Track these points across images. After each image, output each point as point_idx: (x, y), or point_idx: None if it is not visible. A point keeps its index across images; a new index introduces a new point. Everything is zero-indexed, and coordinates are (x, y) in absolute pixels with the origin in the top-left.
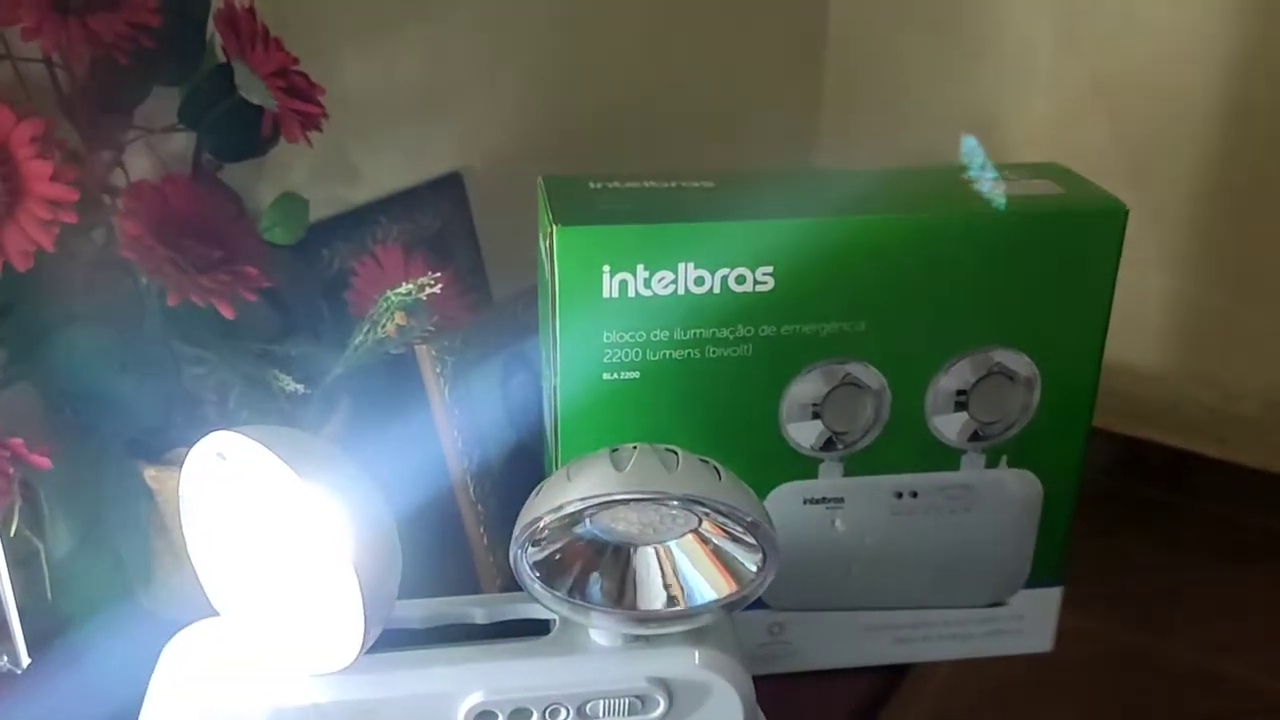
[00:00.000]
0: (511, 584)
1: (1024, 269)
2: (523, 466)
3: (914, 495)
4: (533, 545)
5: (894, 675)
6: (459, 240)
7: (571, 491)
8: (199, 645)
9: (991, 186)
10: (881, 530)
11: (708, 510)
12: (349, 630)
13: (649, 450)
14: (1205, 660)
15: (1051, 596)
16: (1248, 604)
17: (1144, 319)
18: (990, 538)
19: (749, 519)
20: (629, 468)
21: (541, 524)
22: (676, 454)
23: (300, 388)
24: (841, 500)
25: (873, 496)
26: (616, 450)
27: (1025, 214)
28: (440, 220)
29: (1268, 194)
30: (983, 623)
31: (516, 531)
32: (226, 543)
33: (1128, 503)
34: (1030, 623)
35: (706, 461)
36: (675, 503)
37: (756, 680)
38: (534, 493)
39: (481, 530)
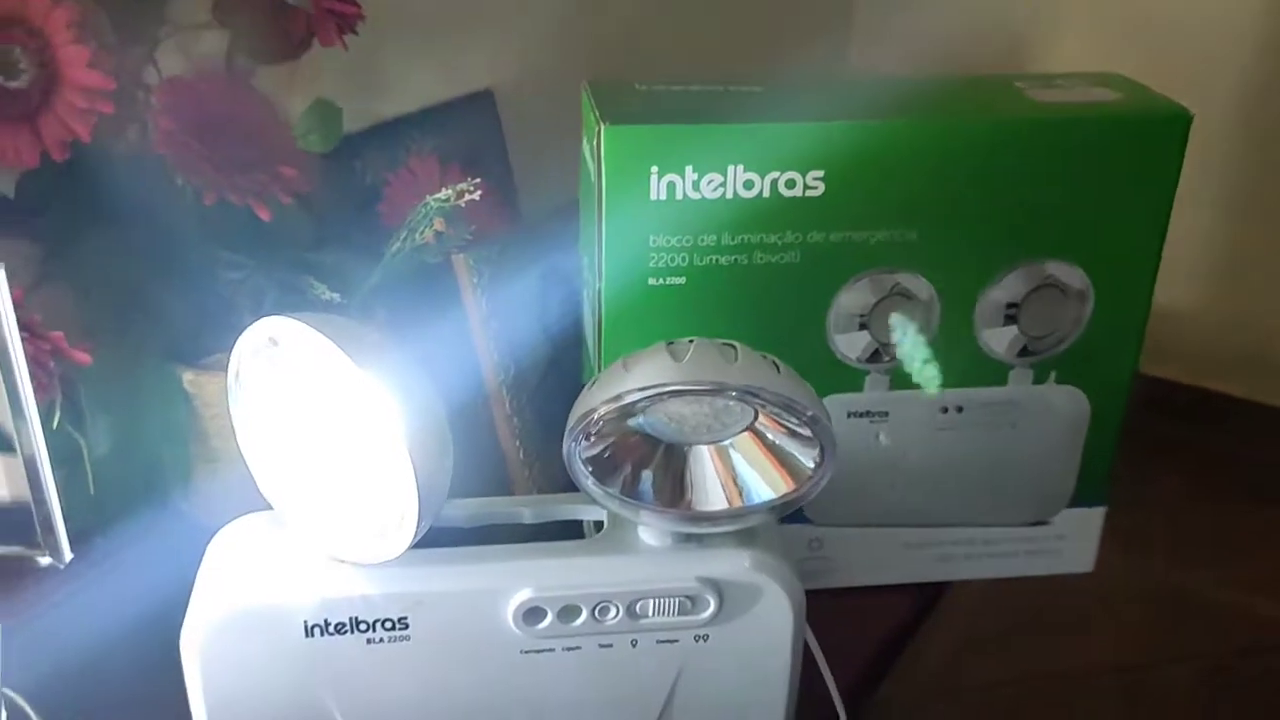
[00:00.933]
0: None
1: (1081, 178)
2: (558, 381)
3: (959, 410)
4: (585, 440)
5: (932, 593)
6: (489, 158)
7: (629, 381)
8: (247, 537)
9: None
10: (926, 445)
11: (766, 403)
12: (401, 520)
13: (707, 343)
14: (1237, 596)
15: (1094, 516)
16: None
17: (1177, 257)
18: (1035, 455)
19: (809, 413)
20: (687, 358)
21: (597, 414)
22: (734, 347)
23: (336, 296)
24: (886, 414)
25: (918, 411)
26: (673, 343)
27: (1083, 120)
28: (471, 137)
29: None
30: (1024, 541)
31: (571, 423)
32: (277, 432)
33: (1159, 441)
34: (1072, 543)
35: (765, 356)
36: (734, 395)
37: None
38: (588, 385)
39: (517, 443)
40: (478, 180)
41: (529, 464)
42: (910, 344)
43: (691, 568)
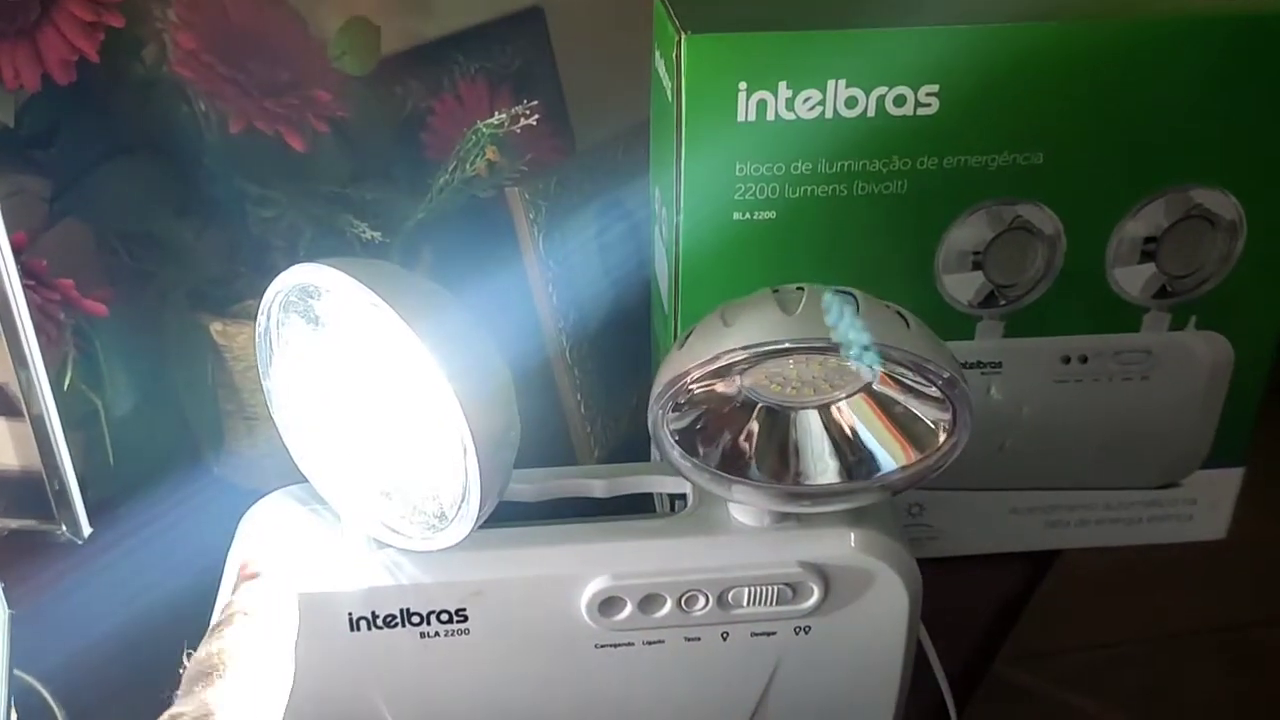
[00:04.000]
0: (609, 458)
1: (1237, 89)
2: (622, 329)
3: (1084, 360)
4: (674, 410)
5: (1039, 564)
6: (540, 81)
7: (731, 339)
8: (282, 516)
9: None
10: (1042, 400)
11: (895, 364)
12: (461, 501)
13: (821, 291)
14: None
15: (1232, 479)
16: None
17: None
18: (1169, 410)
19: (945, 375)
20: (800, 309)
21: (690, 379)
22: (854, 296)
23: (378, 235)
24: (999, 365)
25: (1036, 361)
26: (780, 291)
27: (1238, 17)
28: (520, 59)
29: None
30: (1149, 506)
31: (658, 389)
32: (313, 398)
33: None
34: (1204, 507)
35: (889, 305)
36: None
37: None
38: (677, 342)
39: (579, 398)
40: (534, 103)
41: (591, 420)
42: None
43: (792, 550)
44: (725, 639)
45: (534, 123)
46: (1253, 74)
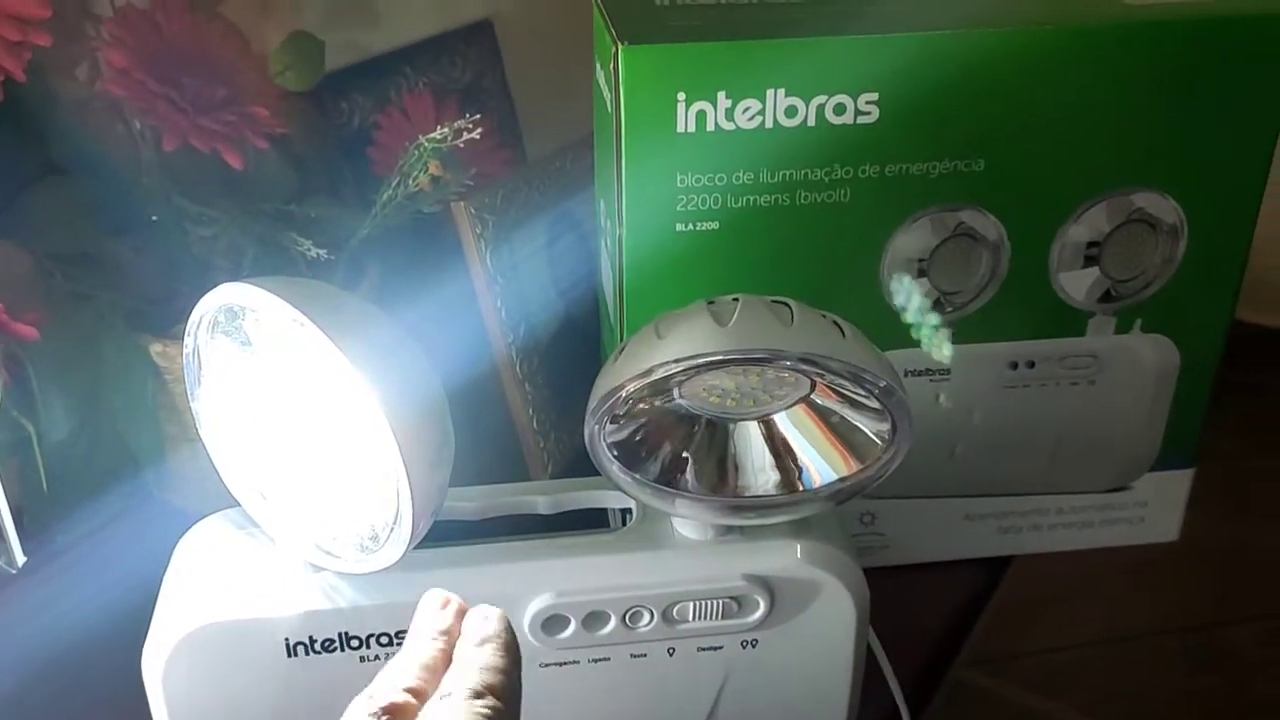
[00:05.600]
0: (563, 472)
1: (1176, 92)
2: (572, 342)
3: (1031, 365)
4: (611, 422)
5: (994, 569)
6: (491, 94)
7: (664, 351)
8: (218, 540)
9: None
10: (992, 405)
11: (831, 374)
12: (393, 523)
13: (755, 302)
14: None
15: (1182, 480)
16: None
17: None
18: (1118, 413)
19: (882, 383)
20: (734, 321)
21: (625, 393)
22: (789, 306)
23: (323, 253)
24: (948, 371)
25: (984, 367)
26: (714, 302)
27: (1182, 23)
28: (470, 72)
29: None
30: (1101, 509)
31: (593, 404)
32: (244, 420)
33: (1238, 389)
34: (1156, 509)
35: (825, 315)
36: (791, 364)
37: None
38: (613, 355)
39: (530, 413)
40: (477, 117)
41: (544, 435)
42: (917, 309)
43: (737, 563)
44: (672, 654)
45: (477, 137)
46: (1189, 79)
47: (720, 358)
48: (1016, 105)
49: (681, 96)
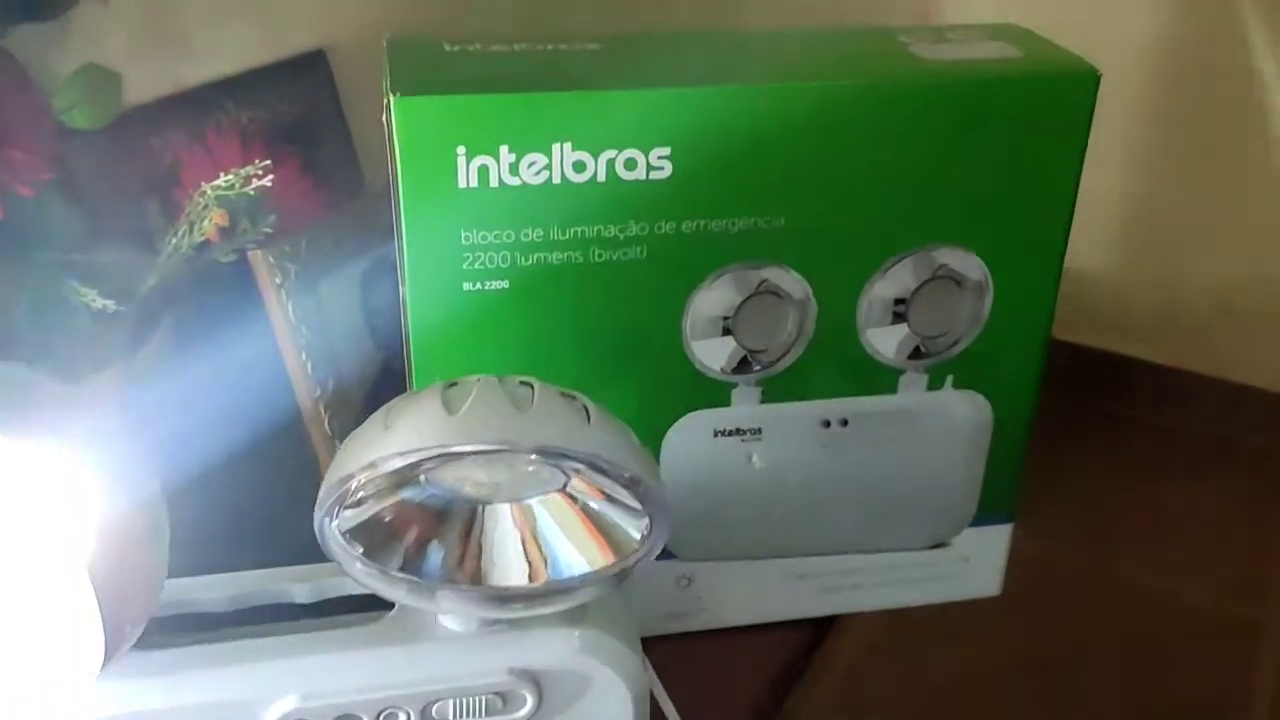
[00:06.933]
0: None
1: (975, 149)
2: (392, 395)
3: (844, 424)
4: (347, 509)
5: (818, 630)
6: (325, 129)
7: (389, 444)
8: None
9: None
10: (806, 466)
11: (572, 464)
12: (89, 635)
13: (494, 385)
14: (1157, 581)
15: (1000, 534)
16: (1199, 518)
17: (1085, 217)
18: (932, 470)
19: (626, 474)
20: (464, 409)
21: (353, 486)
22: (532, 387)
23: (110, 304)
24: (759, 431)
25: (796, 426)
26: (453, 385)
27: (977, 81)
28: (300, 105)
29: (1222, 82)
30: (922, 566)
31: (321, 495)
32: None
33: (1071, 415)
34: (976, 564)
35: (572, 397)
36: (526, 456)
37: (663, 641)
38: (343, 445)
39: None
40: (267, 163)
41: None
42: None
43: (502, 656)
44: None
45: (267, 183)
46: (985, 134)
47: (446, 451)
48: (814, 161)
49: (462, 150)
